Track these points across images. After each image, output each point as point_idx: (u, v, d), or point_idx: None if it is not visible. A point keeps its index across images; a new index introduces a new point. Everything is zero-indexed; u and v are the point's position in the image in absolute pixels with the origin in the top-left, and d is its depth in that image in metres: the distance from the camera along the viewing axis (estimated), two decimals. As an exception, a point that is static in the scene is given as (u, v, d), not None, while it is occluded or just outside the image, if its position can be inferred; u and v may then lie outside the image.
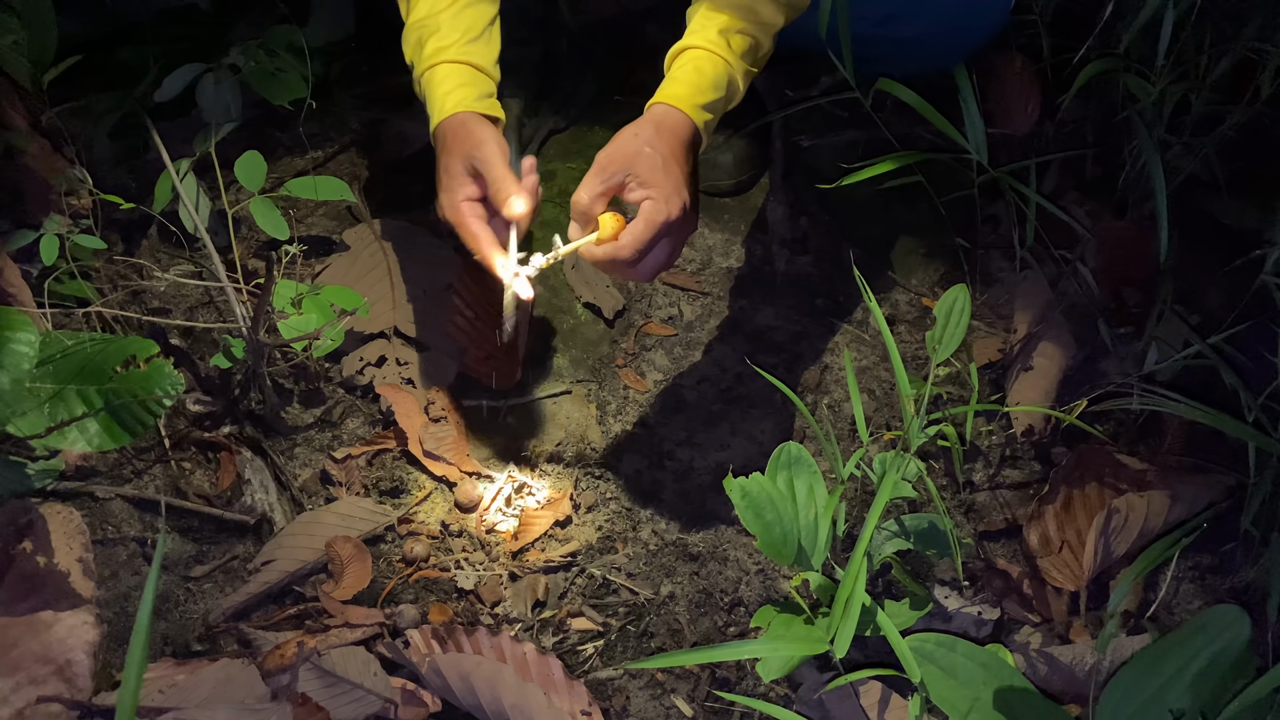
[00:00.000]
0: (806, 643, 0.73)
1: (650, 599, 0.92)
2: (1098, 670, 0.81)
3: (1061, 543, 0.95)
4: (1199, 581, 0.95)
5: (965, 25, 0.97)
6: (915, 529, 0.83)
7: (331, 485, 0.98)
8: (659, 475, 1.00)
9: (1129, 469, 0.96)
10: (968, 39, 0.99)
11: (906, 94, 0.95)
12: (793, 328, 1.10)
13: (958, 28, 0.97)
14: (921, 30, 0.97)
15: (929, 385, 0.94)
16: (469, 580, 0.93)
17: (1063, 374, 1.04)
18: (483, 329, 1.05)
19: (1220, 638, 0.66)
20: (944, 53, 0.98)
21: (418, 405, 1.00)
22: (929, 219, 1.15)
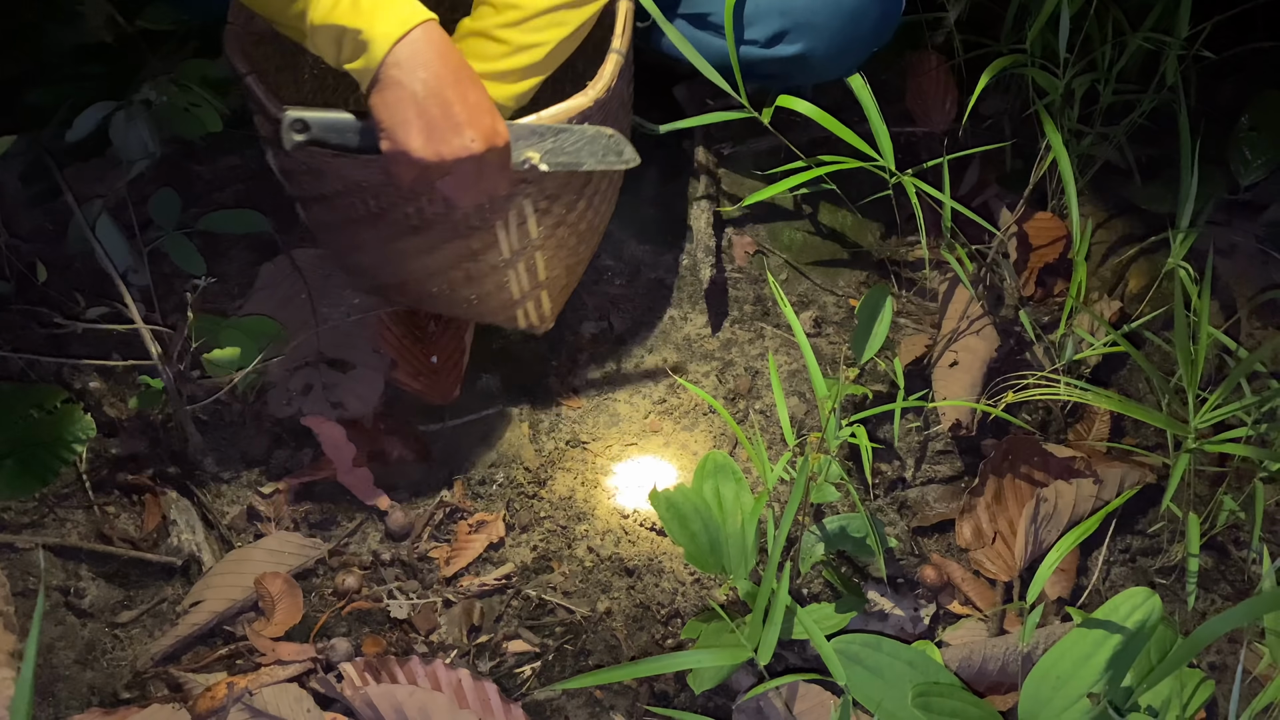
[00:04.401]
0: (734, 651, 0.73)
1: (587, 617, 0.92)
2: (1029, 660, 0.81)
3: (994, 534, 0.95)
4: (1130, 564, 0.96)
5: (850, 39, 0.98)
6: (834, 531, 0.83)
7: (260, 521, 0.96)
8: (593, 491, 0.99)
9: (1056, 458, 0.97)
10: (855, 52, 1.00)
11: (805, 107, 0.96)
12: (722, 335, 1.11)
13: (843, 42, 0.98)
14: (807, 48, 0.98)
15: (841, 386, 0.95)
16: (402, 609, 0.92)
17: (987, 367, 1.05)
18: (413, 344, 1.05)
19: (1131, 619, 0.67)
20: (831, 67, 0.99)
21: (344, 435, 0.99)
22: (852, 221, 1.16)
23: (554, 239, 0.94)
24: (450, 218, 0.87)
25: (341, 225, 0.94)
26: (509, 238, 0.90)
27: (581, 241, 0.99)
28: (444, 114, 0.73)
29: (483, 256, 0.91)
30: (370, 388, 1.02)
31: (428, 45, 0.73)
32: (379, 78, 0.73)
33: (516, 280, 0.95)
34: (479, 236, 0.89)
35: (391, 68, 0.72)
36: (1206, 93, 1.24)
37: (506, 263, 0.93)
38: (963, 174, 1.21)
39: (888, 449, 1.02)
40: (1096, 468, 0.96)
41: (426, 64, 0.73)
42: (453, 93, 0.73)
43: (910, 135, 1.24)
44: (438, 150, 0.74)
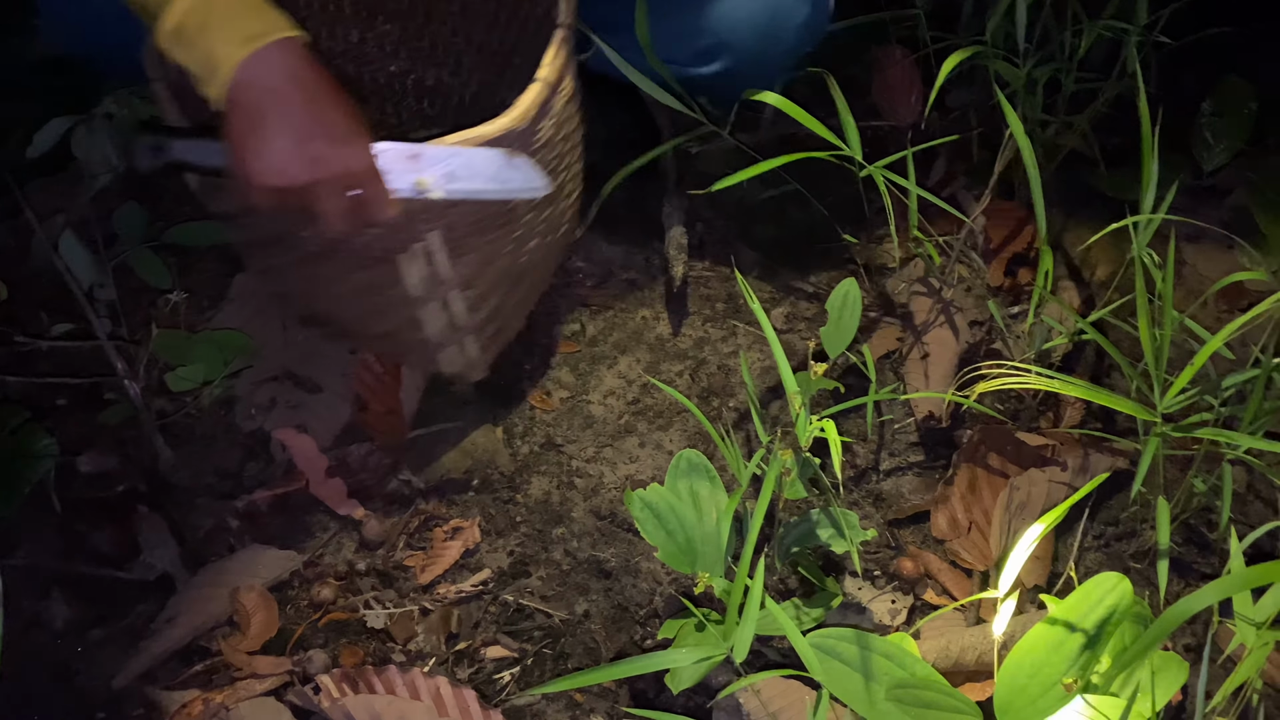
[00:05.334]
0: (709, 650, 0.73)
1: (565, 620, 0.91)
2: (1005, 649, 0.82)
3: (969, 524, 0.96)
4: (1105, 550, 0.96)
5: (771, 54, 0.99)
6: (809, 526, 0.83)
7: (233, 534, 0.95)
8: (569, 494, 0.99)
9: (1028, 446, 0.97)
10: (778, 64, 1.01)
11: (773, 98, 0.96)
12: (695, 334, 1.11)
13: (764, 58, 0.99)
14: (729, 65, 0.99)
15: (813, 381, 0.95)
16: (379, 619, 0.91)
17: (959, 358, 1.05)
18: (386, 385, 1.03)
19: (1102, 604, 0.67)
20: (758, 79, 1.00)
21: (315, 447, 0.98)
22: (823, 217, 1.16)
23: (481, 279, 0.88)
24: (351, 245, 0.81)
25: (255, 247, 0.91)
26: (416, 274, 0.85)
27: (517, 284, 0.93)
28: (293, 138, 0.69)
29: (390, 291, 0.86)
30: (335, 413, 1.01)
31: (277, 66, 0.69)
32: (227, 101, 0.70)
33: (432, 321, 0.90)
34: (383, 269, 0.83)
35: (237, 90, 0.69)
36: (1169, 80, 1.25)
37: (417, 301, 0.87)
38: (931, 167, 1.22)
39: (862, 442, 1.03)
40: (1069, 455, 0.96)
41: (274, 86, 0.69)
42: (304, 115, 0.70)
43: (878, 129, 1.24)
44: (285, 176, 0.70)
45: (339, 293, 0.89)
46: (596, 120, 1.19)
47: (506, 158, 0.78)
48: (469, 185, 0.77)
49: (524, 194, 0.80)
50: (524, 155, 0.79)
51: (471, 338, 0.94)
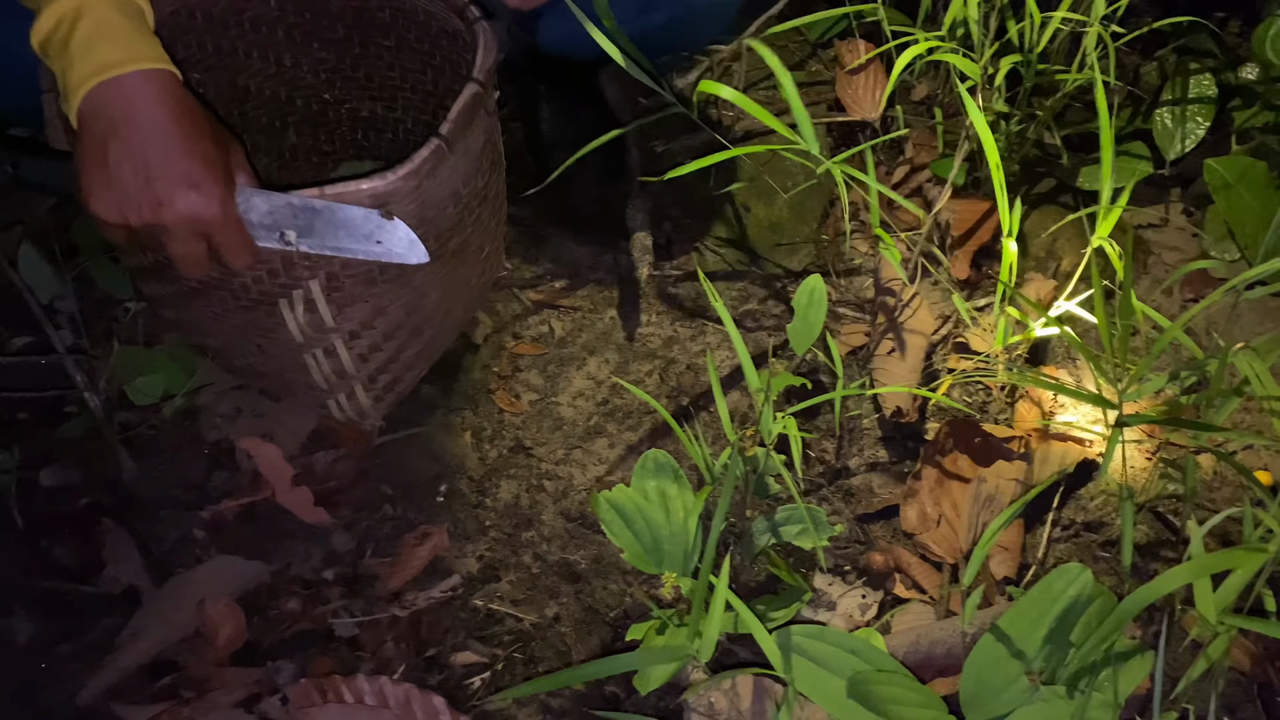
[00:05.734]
0: (676, 650, 0.73)
1: (536, 623, 0.91)
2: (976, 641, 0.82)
3: (939, 517, 0.96)
4: (1074, 540, 0.96)
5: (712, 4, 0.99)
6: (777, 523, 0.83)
7: (199, 546, 0.95)
8: (539, 497, 0.99)
9: (996, 439, 0.98)
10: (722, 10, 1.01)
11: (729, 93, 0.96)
12: (664, 333, 1.10)
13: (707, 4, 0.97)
14: (672, 14, 0.98)
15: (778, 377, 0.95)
16: (348, 628, 0.90)
17: (927, 352, 1.06)
18: None
19: (1065, 595, 0.67)
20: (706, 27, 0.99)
21: (281, 455, 0.97)
22: (789, 214, 1.16)
23: (371, 330, 0.85)
24: (227, 285, 0.78)
25: (141, 275, 0.88)
26: (297, 320, 0.82)
27: (415, 335, 0.90)
28: (136, 176, 0.66)
29: (273, 335, 0.83)
30: (301, 421, 1.00)
31: (130, 98, 0.65)
32: (77, 127, 0.67)
33: (318, 367, 0.87)
34: (263, 311, 0.80)
35: (85, 118, 0.66)
36: (1132, 70, 1.26)
37: (301, 346, 0.84)
38: (896, 161, 1.22)
39: (831, 438, 1.03)
40: (1037, 447, 0.97)
41: (123, 119, 0.65)
42: (153, 154, 0.66)
43: (844, 125, 1.25)
44: (124, 214, 0.66)
45: (222, 329, 0.86)
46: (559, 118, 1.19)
47: (381, 219, 0.74)
48: (336, 244, 0.74)
49: (399, 259, 0.76)
50: (399, 221, 0.75)
51: (360, 387, 0.91)
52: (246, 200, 0.72)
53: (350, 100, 1.07)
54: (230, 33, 0.98)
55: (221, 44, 0.98)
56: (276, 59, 1.02)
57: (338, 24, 1.00)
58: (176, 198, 0.67)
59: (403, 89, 1.04)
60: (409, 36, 0.98)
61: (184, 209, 0.68)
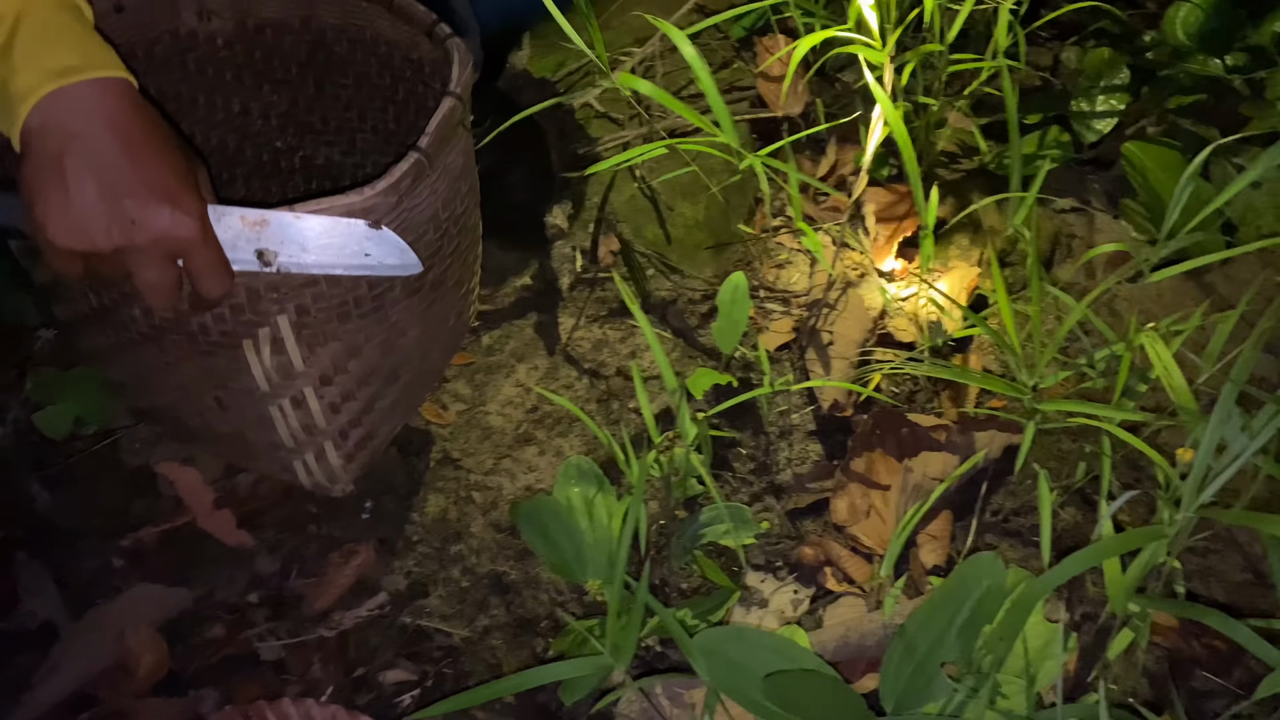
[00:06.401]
0: (598, 659, 0.72)
1: (466, 638, 0.90)
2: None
3: (868, 508, 0.96)
4: (1003, 526, 0.97)
5: None
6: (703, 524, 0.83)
7: (119, 575, 0.93)
8: (467, 509, 0.97)
9: (922, 428, 0.98)
10: None
11: (646, 86, 0.95)
12: (593, 337, 1.10)
13: None
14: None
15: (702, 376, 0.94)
16: (273, 651, 0.89)
17: (856, 345, 1.06)
18: None
19: (979, 585, 0.67)
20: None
21: (201, 479, 0.95)
22: (715, 211, 1.16)
23: (344, 375, 0.78)
24: (184, 327, 0.71)
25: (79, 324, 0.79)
26: (263, 364, 0.74)
27: (390, 382, 0.82)
28: (100, 193, 0.58)
29: (232, 384, 0.75)
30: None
31: (88, 108, 0.58)
32: (22, 144, 0.59)
33: (284, 422, 0.79)
34: (224, 357, 0.73)
35: (33, 134, 0.58)
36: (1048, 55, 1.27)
37: (265, 397, 0.77)
38: (821, 152, 1.22)
39: (761, 435, 1.02)
40: (964, 434, 0.97)
41: (80, 131, 0.58)
42: (118, 167, 0.58)
43: (768, 122, 1.24)
44: (87, 238, 0.58)
45: (173, 383, 0.78)
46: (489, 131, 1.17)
47: (368, 229, 0.68)
48: (323, 258, 0.67)
49: (390, 271, 0.70)
50: (387, 229, 0.69)
51: (331, 444, 0.83)
52: (218, 219, 0.64)
53: (304, 147, 0.99)
54: (174, 75, 0.90)
55: (164, 87, 0.90)
56: (224, 104, 0.94)
57: (290, 63, 0.92)
58: (150, 214, 0.59)
59: (361, 130, 0.97)
60: (368, 71, 0.91)
61: (160, 226, 0.60)
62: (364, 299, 0.74)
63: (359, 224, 0.68)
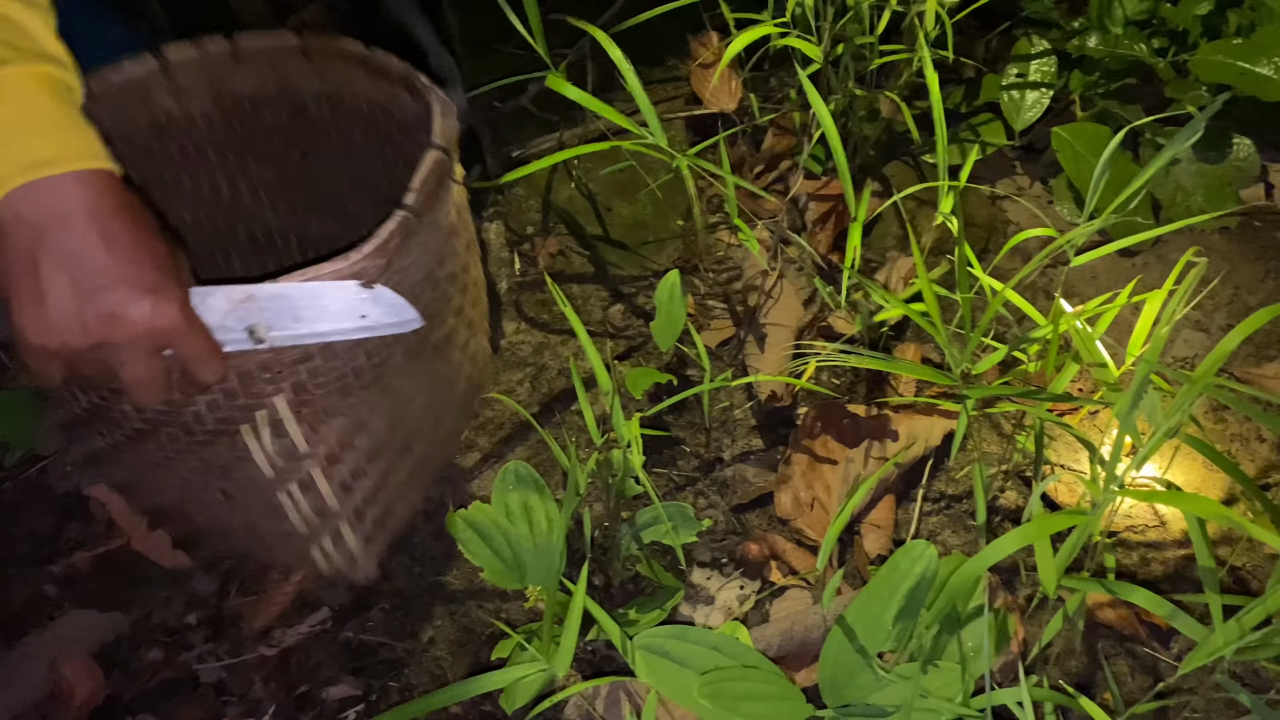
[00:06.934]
0: (538, 665, 0.71)
1: (410, 650, 0.89)
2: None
3: (811, 500, 0.96)
4: (945, 512, 0.97)
5: None
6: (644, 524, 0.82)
7: (52, 602, 0.90)
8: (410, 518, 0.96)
9: (862, 418, 0.98)
10: None
11: (574, 92, 0.95)
12: (534, 340, 1.09)
13: None
14: None
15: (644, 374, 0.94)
16: (213, 673, 0.87)
17: (796, 337, 1.06)
18: None
19: (912, 573, 0.67)
20: None
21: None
22: (652, 210, 1.15)
23: (350, 451, 0.74)
24: (178, 419, 0.67)
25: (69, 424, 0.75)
26: (264, 449, 0.70)
27: (402, 455, 0.79)
28: (77, 289, 0.55)
29: (236, 474, 0.72)
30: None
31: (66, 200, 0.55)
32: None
33: (294, 508, 0.75)
34: (224, 445, 0.69)
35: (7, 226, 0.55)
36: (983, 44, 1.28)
37: (272, 484, 0.72)
38: (757, 148, 1.22)
39: (704, 431, 1.02)
40: (903, 423, 0.97)
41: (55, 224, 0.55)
42: (96, 261, 0.55)
43: (703, 119, 1.24)
44: (66, 336, 0.55)
45: (175, 480, 0.74)
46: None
47: (360, 290, 0.65)
48: (317, 326, 0.63)
49: (389, 330, 0.66)
50: (381, 286, 0.65)
51: (347, 526, 0.78)
52: (203, 301, 0.61)
53: (296, 221, 0.95)
54: (156, 160, 0.85)
55: (148, 173, 0.84)
56: (211, 184, 0.89)
57: (273, 134, 0.87)
58: (130, 307, 0.56)
59: (353, 195, 0.92)
60: (352, 133, 0.86)
61: (141, 319, 0.57)
62: (363, 370, 0.70)
63: (351, 285, 0.64)
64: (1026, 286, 1.12)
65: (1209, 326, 1.09)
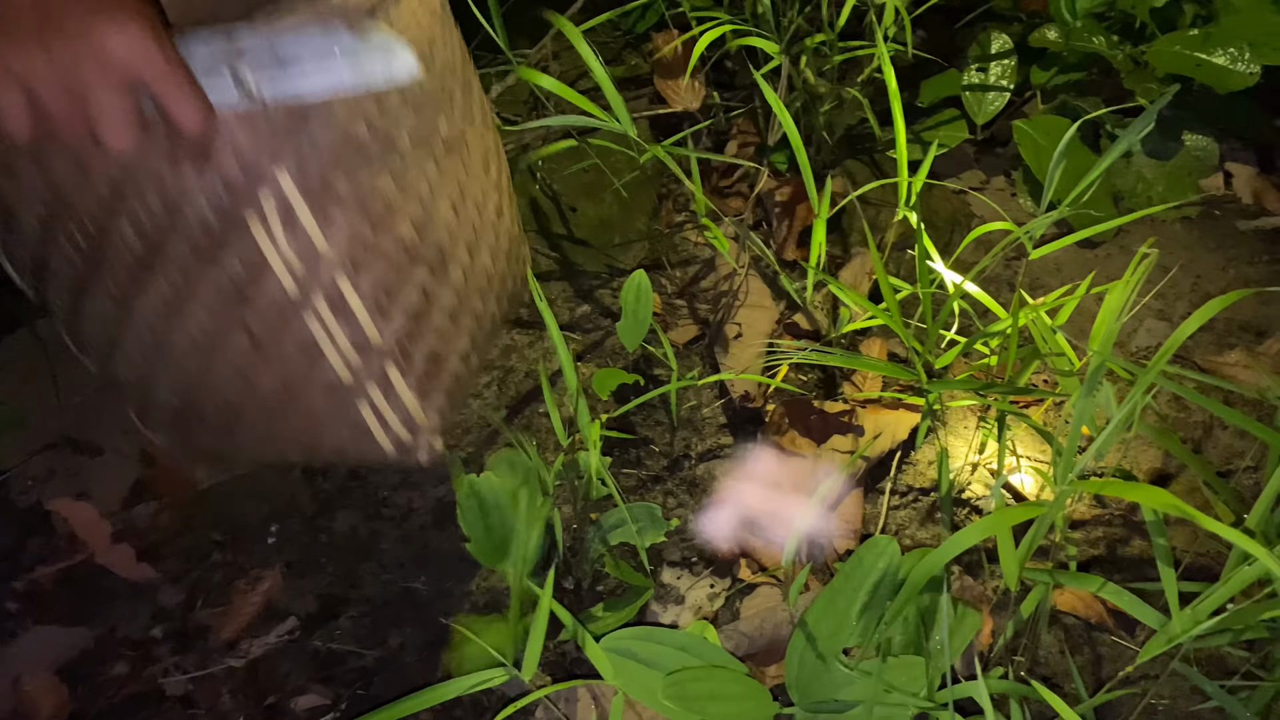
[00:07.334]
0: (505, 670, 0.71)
1: (380, 657, 0.88)
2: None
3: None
4: (914, 505, 0.98)
5: None
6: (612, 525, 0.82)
7: (14, 619, 0.89)
8: (377, 525, 0.96)
9: (830, 414, 0.98)
10: None
11: (548, 81, 0.94)
12: (501, 341, 1.08)
13: None
14: None
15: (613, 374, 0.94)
16: (179, 686, 0.86)
17: (765, 336, 1.06)
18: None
19: (875, 569, 0.68)
20: None
21: (96, 513, 0.92)
22: (618, 209, 1.15)
23: (374, 255, 0.64)
24: (181, 225, 0.59)
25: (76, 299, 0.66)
26: (278, 246, 0.61)
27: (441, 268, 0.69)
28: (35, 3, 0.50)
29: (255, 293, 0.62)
30: (120, 475, 0.95)
31: None
32: None
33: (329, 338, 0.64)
34: (236, 253, 0.61)
35: None
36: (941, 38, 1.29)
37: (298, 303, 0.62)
38: (723, 147, 1.22)
39: (673, 431, 1.02)
40: (869, 418, 0.98)
41: None
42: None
43: (668, 118, 1.24)
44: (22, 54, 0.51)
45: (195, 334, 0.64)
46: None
47: (349, 36, 0.58)
48: (311, 80, 0.58)
49: (381, 80, 0.60)
50: (370, 28, 0.59)
51: (394, 367, 0.66)
52: (185, 47, 0.56)
53: None
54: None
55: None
56: None
57: None
58: (99, 28, 0.51)
59: None
60: None
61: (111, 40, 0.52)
62: (366, 144, 0.62)
63: (339, 30, 0.58)
64: (991, 280, 1.12)
65: (1171, 316, 1.10)
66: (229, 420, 0.68)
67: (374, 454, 0.69)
